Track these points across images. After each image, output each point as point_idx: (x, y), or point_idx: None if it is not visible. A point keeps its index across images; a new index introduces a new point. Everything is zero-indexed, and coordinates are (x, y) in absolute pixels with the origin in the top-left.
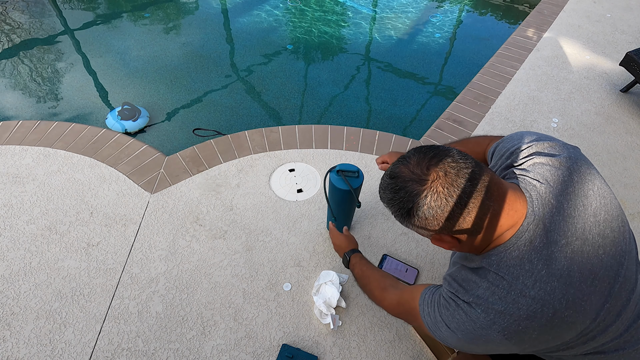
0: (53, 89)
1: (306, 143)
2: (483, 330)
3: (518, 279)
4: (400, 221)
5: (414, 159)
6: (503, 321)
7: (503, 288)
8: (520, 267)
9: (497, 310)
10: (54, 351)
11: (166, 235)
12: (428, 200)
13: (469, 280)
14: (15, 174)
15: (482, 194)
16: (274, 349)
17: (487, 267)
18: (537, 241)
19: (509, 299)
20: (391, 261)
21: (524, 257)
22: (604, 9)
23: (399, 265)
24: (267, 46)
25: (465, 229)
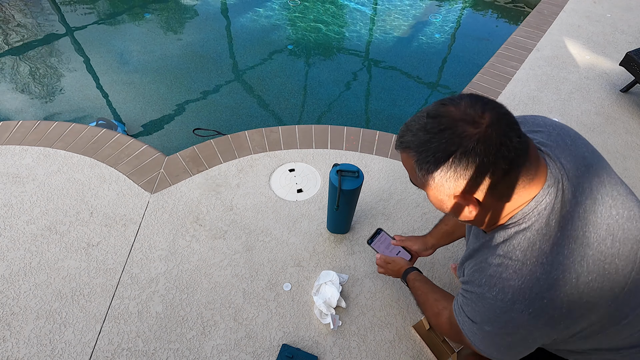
0: (53, 89)
1: (306, 143)
2: (506, 315)
3: (534, 245)
4: (426, 170)
5: (466, 101)
6: (523, 297)
7: (517, 260)
8: (536, 234)
9: (514, 286)
10: (54, 351)
11: (166, 235)
12: (479, 146)
13: (480, 261)
14: (15, 174)
15: (527, 154)
16: (274, 349)
17: (497, 242)
18: (553, 206)
19: (524, 270)
20: (385, 237)
21: (540, 223)
22: (604, 9)
23: (393, 247)
24: (268, 46)
25: (501, 190)
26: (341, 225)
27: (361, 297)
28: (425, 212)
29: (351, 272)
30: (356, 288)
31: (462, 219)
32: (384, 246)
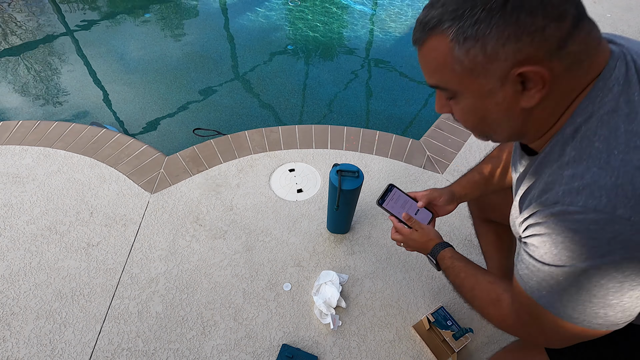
0: (53, 89)
1: (306, 143)
2: (608, 229)
3: (617, 130)
4: (474, 36)
5: None
6: (625, 196)
7: (600, 151)
8: (615, 115)
9: (607, 185)
10: (54, 351)
11: (166, 235)
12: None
13: (545, 184)
14: (15, 174)
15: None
16: (274, 349)
17: (562, 145)
18: (627, 77)
19: (614, 162)
20: (399, 195)
21: (617, 102)
22: (604, 9)
23: (408, 202)
24: (268, 46)
25: (572, 51)
26: (341, 225)
27: (361, 297)
28: None
29: (351, 272)
30: (356, 288)
31: (514, 125)
32: (399, 206)
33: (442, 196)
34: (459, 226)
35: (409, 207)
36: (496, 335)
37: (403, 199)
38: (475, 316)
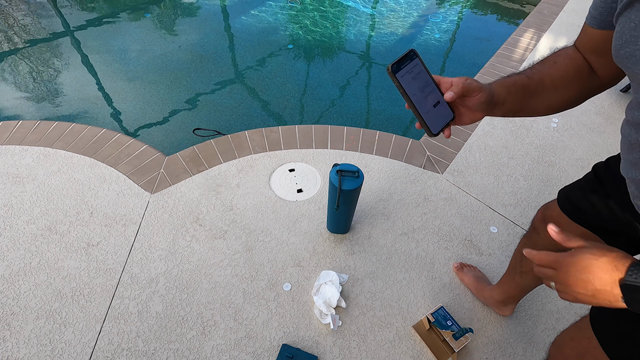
0: (53, 89)
1: (306, 143)
2: None
3: None
4: None
5: None
6: None
7: None
8: None
9: None
10: (54, 351)
11: (166, 235)
12: None
13: None
14: (15, 174)
15: None
16: (274, 349)
17: None
18: None
19: None
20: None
21: None
22: None
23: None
24: (267, 46)
25: None
26: (341, 225)
27: (361, 297)
28: (425, 212)
29: (351, 272)
30: (356, 288)
31: None
32: (416, 85)
33: (481, 91)
34: (459, 226)
35: (428, 93)
36: (496, 335)
37: (424, 77)
38: (475, 316)
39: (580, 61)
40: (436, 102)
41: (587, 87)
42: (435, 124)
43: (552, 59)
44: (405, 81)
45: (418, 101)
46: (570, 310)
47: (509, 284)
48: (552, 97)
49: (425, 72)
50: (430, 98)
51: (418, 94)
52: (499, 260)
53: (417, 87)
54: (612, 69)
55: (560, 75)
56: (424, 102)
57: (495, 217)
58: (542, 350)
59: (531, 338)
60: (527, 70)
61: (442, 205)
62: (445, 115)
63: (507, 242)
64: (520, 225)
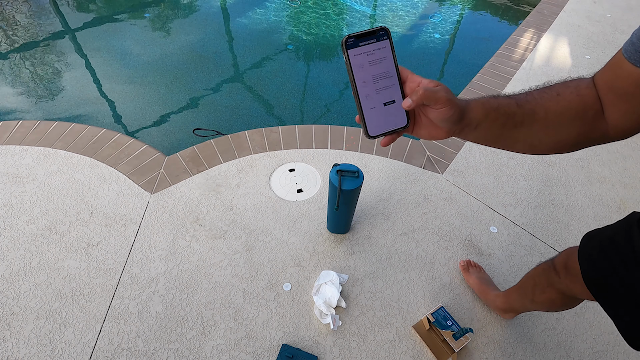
0: (53, 89)
1: (306, 143)
2: None
3: None
4: None
5: None
6: None
7: None
8: None
9: None
10: (54, 351)
11: (166, 235)
12: None
13: None
14: (15, 174)
15: None
16: (274, 349)
17: None
18: None
19: None
20: (386, 52)
21: None
22: (604, 9)
23: (390, 78)
24: (267, 46)
25: None
26: (341, 225)
27: (361, 297)
28: (425, 212)
29: (351, 272)
30: (356, 288)
31: None
32: (373, 72)
33: (447, 105)
34: (459, 226)
35: (383, 87)
36: (496, 335)
37: (386, 66)
38: (475, 316)
39: (591, 100)
40: (390, 101)
41: (588, 135)
42: (376, 125)
43: (557, 89)
44: (358, 62)
45: (365, 92)
46: (570, 310)
47: (516, 300)
48: (540, 134)
49: (390, 60)
50: (384, 93)
51: (369, 83)
52: (499, 260)
53: (371, 75)
54: (630, 121)
55: (560, 111)
56: (373, 96)
57: (495, 217)
58: (542, 350)
59: (531, 338)
60: (520, 94)
61: (442, 205)
62: (396, 119)
63: (507, 242)
64: (520, 225)
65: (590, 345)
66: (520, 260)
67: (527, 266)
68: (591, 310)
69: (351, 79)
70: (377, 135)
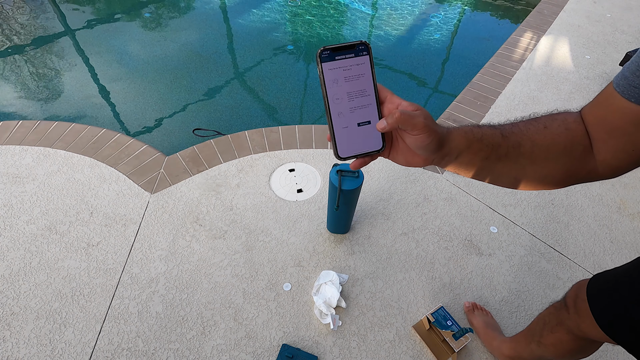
0: (53, 89)
1: (306, 143)
2: None
3: None
4: None
5: None
6: None
7: None
8: None
9: None
10: (54, 351)
11: (166, 235)
12: None
13: None
14: (15, 174)
15: None
16: (274, 349)
17: None
18: None
19: None
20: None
21: None
22: (604, 9)
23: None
24: (267, 46)
25: None
26: (341, 225)
27: (361, 297)
28: (425, 212)
29: (351, 272)
30: (356, 288)
31: None
32: (348, 89)
33: (424, 132)
34: (459, 226)
35: (358, 105)
36: None
37: (364, 84)
38: None
39: (579, 135)
40: (365, 121)
41: (576, 171)
42: (348, 146)
43: (544, 121)
44: (332, 77)
45: (338, 109)
46: None
47: (523, 346)
48: (525, 169)
49: (368, 78)
50: (358, 112)
51: (343, 100)
52: (499, 260)
53: (346, 92)
54: (620, 159)
55: (547, 145)
56: (347, 114)
57: (495, 217)
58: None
59: None
60: (506, 125)
61: (442, 205)
62: (370, 141)
63: (507, 242)
64: (520, 225)
65: None
66: (520, 260)
67: (527, 266)
68: None
69: (324, 94)
70: (348, 157)
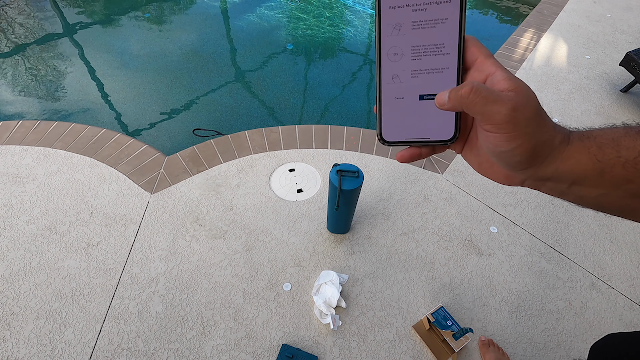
0: (53, 89)
1: (306, 143)
2: None
3: None
4: None
5: None
6: None
7: None
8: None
9: None
10: (54, 351)
11: (166, 235)
12: None
13: None
14: (15, 174)
15: None
16: (274, 349)
17: None
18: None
19: None
20: (442, 26)
21: None
22: (604, 9)
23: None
24: (267, 46)
25: None
26: (341, 225)
27: (361, 297)
28: (425, 212)
29: (351, 272)
30: (356, 288)
31: None
32: (416, 40)
33: (507, 129)
34: (459, 226)
35: (430, 68)
36: (496, 335)
37: (443, 31)
38: (475, 316)
39: None
40: (432, 94)
41: None
42: (400, 125)
43: None
44: (392, 18)
45: (393, 70)
46: (570, 310)
47: None
48: None
49: (452, 26)
50: (425, 79)
51: (404, 57)
52: (499, 260)
53: (411, 45)
54: None
55: None
56: (405, 80)
57: (495, 217)
58: (542, 350)
59: (531, 338)
60: None
61: (442, 205)
62: (436, 124)
63: (507, 242)
64: (520, 225)
65: (590, 345)
66: (520, 260)
67: (527, 266)
68: (591, 310)
69: (377, 44)
70: (396, 142)
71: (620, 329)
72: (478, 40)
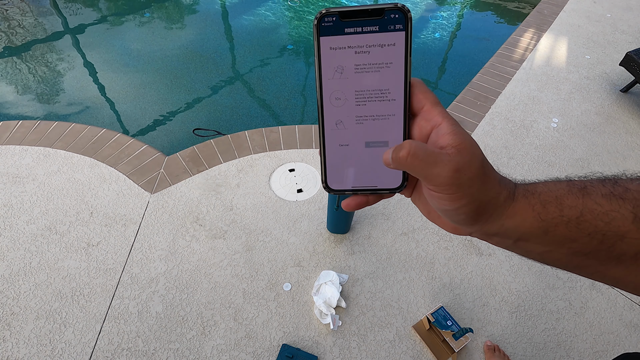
0: (53, 89)
1: (306, 143)
2: None
3: None
4: None
5: None
6: None
7: None
8: None
9: None
10: (54, 351)
11: (166, 235)
12: None
13: None
14: (15, 174)
15: None
16: (274, 349)
17: None
18: None
19: None
20: (396, 68)
21: None
22: (604, 9)
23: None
24: (267, 46)
25: None
26: (341, 225)
27: (361, 297)
28: None
29: (351, 272)
30: (356, 288)
31: None
32: (359, 84)
33: (451, 191)
34: None
35: (375, 114)
36: (496, 335)
37: (388, 76)
38: (475, 316)
39: None
40: (379, 141)
41: None
42: (344, 173)
43: None
44: (334, 61)
45: (336, 116)
46: (570, 310)
47: None
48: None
49: (397, 70)
50: (370, 126)
51: (347, 102)
52: (499, 260)
53: (354, 89)
54: None
55: None
56: (349, 126)
57: None
58: (542, 350)
59: (531, 338)
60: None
61: None
62: (383, 172)
63: None
64: None
65: (590, 345)
66: (520, 260)
67: (527, 266)
68: (591, 310)
69: (318, 88)
70: (342, 190)
71: (620, 329)
72: (425, 85)
